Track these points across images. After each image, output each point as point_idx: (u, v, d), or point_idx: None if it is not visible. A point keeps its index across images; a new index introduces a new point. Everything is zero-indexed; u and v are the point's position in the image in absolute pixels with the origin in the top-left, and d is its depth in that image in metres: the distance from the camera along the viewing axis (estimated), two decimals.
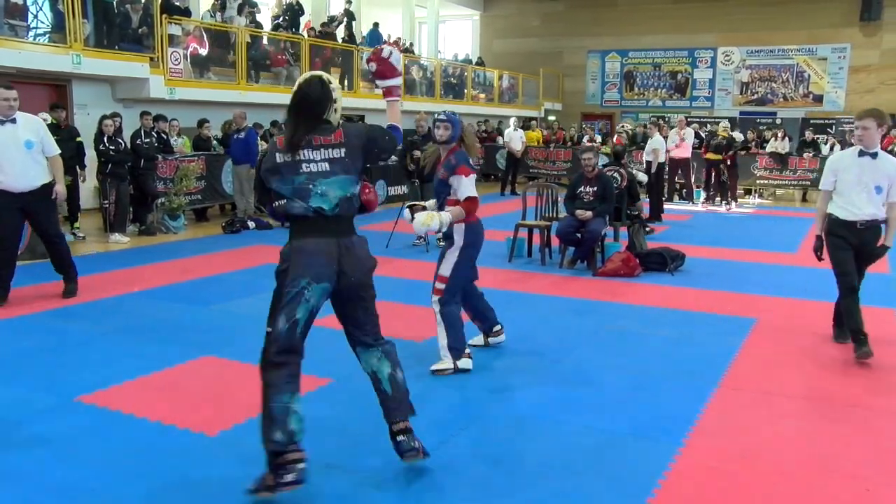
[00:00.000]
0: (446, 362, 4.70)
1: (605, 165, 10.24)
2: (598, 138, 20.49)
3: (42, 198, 6.28)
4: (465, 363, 4.75)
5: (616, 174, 9.07)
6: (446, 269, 4.74)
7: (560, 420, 3.95)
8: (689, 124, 15.24)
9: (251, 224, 11.05)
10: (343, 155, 3.06)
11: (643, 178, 11.79)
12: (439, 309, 4.74)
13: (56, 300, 6.44)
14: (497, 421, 3.95)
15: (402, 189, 13.55)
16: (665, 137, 13.93)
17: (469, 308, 5.10)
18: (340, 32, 18.39)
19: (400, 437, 3.27)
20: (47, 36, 10.92)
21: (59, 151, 6.51)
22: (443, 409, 4.10)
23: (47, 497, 3.07)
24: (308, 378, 4.46)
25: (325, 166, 3.04)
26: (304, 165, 3.03)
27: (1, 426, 3.79)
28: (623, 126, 17.30)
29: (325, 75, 3.16)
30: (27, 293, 6.67)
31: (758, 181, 16.95)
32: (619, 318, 6.15)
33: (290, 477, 3.00)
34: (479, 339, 5.25)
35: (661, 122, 18.18)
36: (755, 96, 23.59)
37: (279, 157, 3.06)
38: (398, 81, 3.47)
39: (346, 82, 16.95)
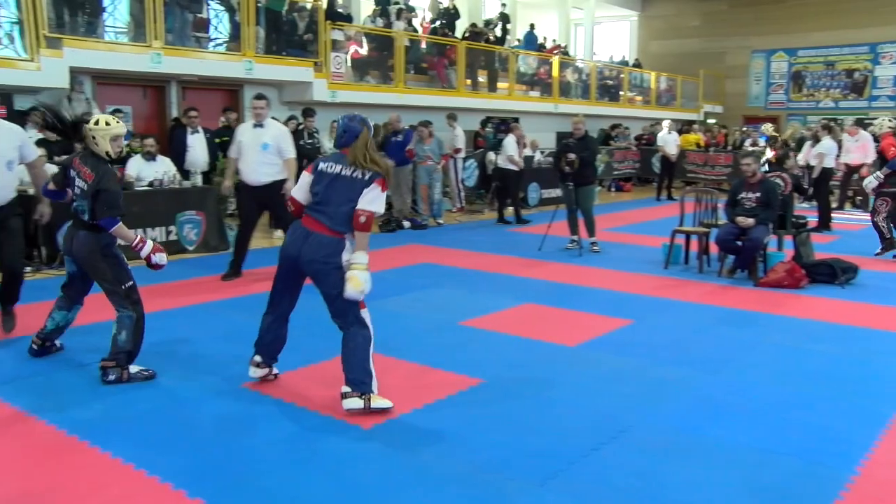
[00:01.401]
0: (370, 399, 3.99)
1: (766, 171, 9.71)
2: (762, 142, 19.45)
3: (272, 193, 7.19)
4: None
5: (779, 179, 8.58)
6: None
7: (714, 436, 3.77)
8: (864, 126, 14.08)
9: (406, 224, 11.34)
10: (87, 188, 4.42)
11: None
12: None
13: (224, 291, 6.87)
14: (646, 433, 3.82)
15: (556, 192, 13.43)
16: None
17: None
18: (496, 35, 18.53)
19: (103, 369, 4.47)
20: (224, 45, 11.72)
21: (294, 155, 7.37)
22: (591, 417, 4.02)
23: (206, 475, 3.29)
24: (459, 378, 4.55)
25: (82, 190, 4.46)
26: (75, 182, 4.51)
27: (179, 405, 4.11)
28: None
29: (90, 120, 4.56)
30: (202, 283, 7.18)
31: None
32: (783, 331, 5.80)
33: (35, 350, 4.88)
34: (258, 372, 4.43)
35: (832, 124, 17.00)
36: None
37: (70, 172, 4.55)
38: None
39: (495, 85, 17.02)
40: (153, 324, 5.71)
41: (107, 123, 4.45)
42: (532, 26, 20.19)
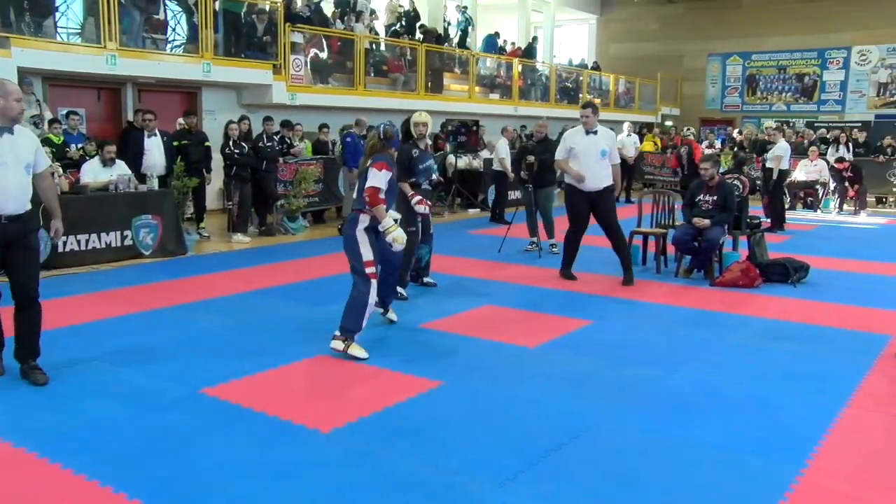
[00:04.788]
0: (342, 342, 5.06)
1: (724, 173, 9.88)
2: (719, 144, 19.79)
3: (602, 196, 7.50)
4: (357, 350, 5.03)
5: (737, 181, 8.74)
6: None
7: (675, 435, 3.83)
8: (815, 129, 14.46)
9: None
10: None
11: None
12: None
13: (181, 296, 6.77)
14: (610, 433, 3.86)
15: (515, 194, 13.47)
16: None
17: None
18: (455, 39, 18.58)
19: None
20: (182, 47, 11.57)
21: (619, 160, 7.70)
22: (552, 417, 4.05)
23: (166, 485, 3.24)
24: (418, 380, 4.55)
25: None
26: None
27: (136, 413, 4.03)
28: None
29: None
30: (158, 288, 7.07)
31: (895, 189, 15.92)
32: (739, 329, 5.91)
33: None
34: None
35: (784, 126, 17.34)
36: None
37: None
38: None
39: (441, 87, 16.97)
40: (109, 330, 5.62)
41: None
42: (497, 34, 20.21)
